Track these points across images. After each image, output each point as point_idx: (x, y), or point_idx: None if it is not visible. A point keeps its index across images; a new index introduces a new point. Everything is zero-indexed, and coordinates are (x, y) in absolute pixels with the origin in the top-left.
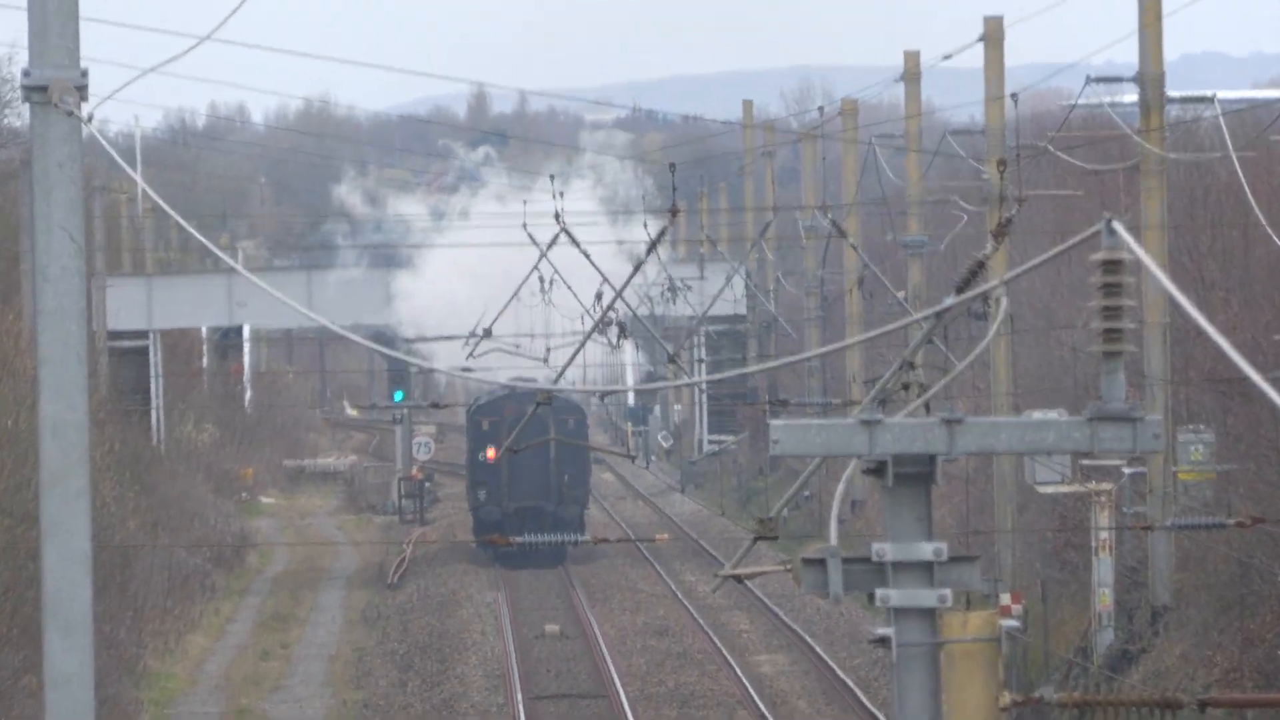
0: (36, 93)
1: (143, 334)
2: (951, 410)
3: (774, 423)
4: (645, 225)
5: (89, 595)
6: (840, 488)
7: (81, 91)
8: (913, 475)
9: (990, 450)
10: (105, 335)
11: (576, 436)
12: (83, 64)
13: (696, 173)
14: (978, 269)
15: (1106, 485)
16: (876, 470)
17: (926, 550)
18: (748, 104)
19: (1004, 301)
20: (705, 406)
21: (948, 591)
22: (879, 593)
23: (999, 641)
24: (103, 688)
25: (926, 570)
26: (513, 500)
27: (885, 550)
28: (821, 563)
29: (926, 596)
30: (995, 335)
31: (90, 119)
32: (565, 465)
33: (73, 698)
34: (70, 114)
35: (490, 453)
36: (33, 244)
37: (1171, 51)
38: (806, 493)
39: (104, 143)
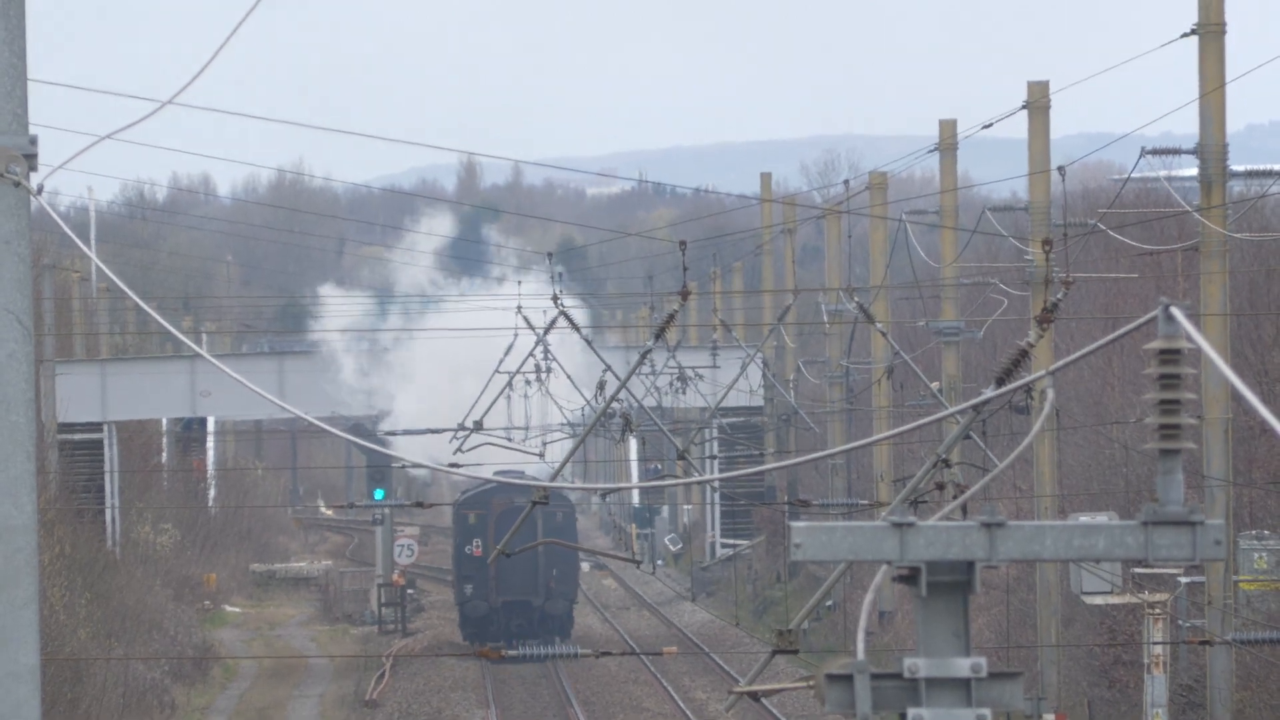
0: None
1: (96, 426)
2: (992, 513)
3: (795, 525)
4: (652, 309)
5: (37, 714)
6: (868, 597)
7: (31, 160)
8: (949, 584)
9: (1035, 557)
10: (55, 427)
11: (565, 530)
12: (32, 129)
13: (709, 251)
14: (1020, 358)
15: (1161, 596)
16: (909, 578)
17: (964, 666)
18: (766, 176)
19: (1049, 394)
20: (718, 507)
21: (987, 712)
22: (911, 712)
23: None
24: None
25: (964, 688)
26: (500, 595)
27: (918, 666)
28: (848, 679)
29: (964, 717)
30: (1039, 431)
31: (40, 190)
32: (554, 559)
33: None
34: (18, 184)
35: (477, 548)
36: None
37: (1235, 121)
38: (829, 602)
39: (55, 216)
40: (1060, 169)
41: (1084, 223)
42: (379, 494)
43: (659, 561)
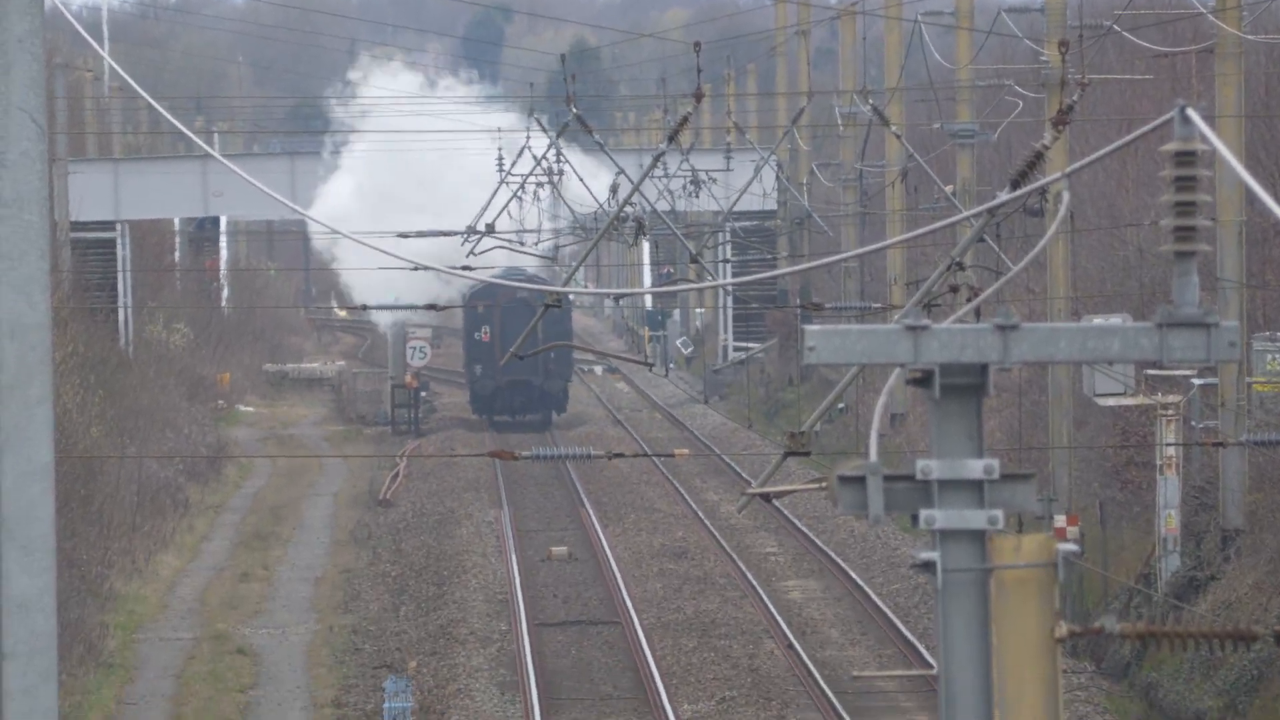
0: None
1: (109, 225)
2: (1006, 315)
3: (809, 328)
4: (666, 111)
5: (50, 511)
6: (881, 399)
7: None
8: (962, 386)
9: (1049, 359)
10: (68, 226)
11: (563, 320)
12: None
13: (723, 53)
14: (1035, 161)
15: (1174, 397)
16: (922, 381)
17: (976, 468)
18: None
19: (1065, 196)
20: (730, 311)
21: (999, 513)
22: (923, 514)
23: (1055, 567)
24: (65, 611)
25: (976, 489)
26: (505, 374)
27: (931, 467)
28: (860, 480)
29: (976, 518)
30: (1054, 234)
31: None
32: (550, 340)
33: (33, 622)
34: None
35: (485, 334)
36: None
37: None
38: (841, 405)
39: (68, 14)
40: None
41: (1100, 24)
42: (391, 295)
43: (671, 365)
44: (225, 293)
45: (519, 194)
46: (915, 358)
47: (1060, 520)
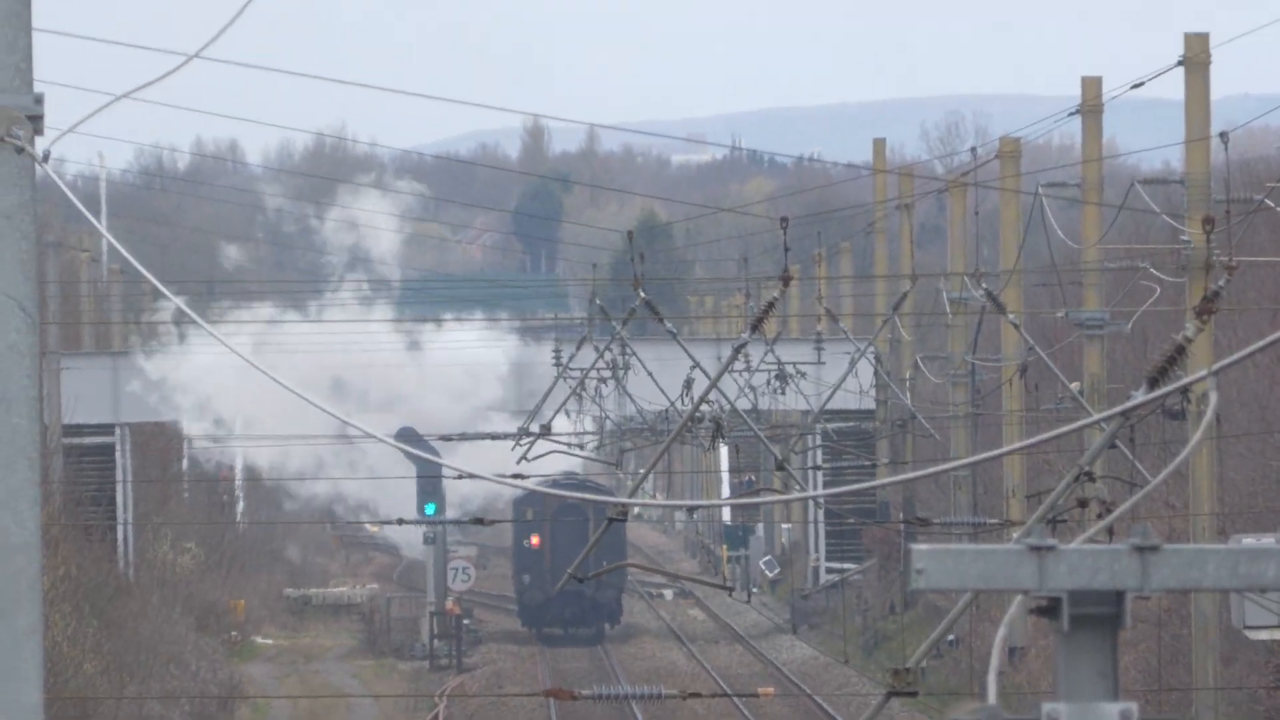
0: None
1: (107, 428)
2: (1145, 534)
3: (917, 547)
4: (747, 296)
5: None
6: (1001, 631)
7: (36, 122)
8: (1095, 617)
9: (1195, 586)
10: (60, 430)
11: (617, 534)
12: (37, 87)
13: (813, 229)
14: (1176, 355)
15: None
16: (1047, 610)
17: (1112, 712)
18: (879, 143)
19: (1212, 397)
20: (822, 526)
21: None
22: None
23: None
24: None
25: None
26: (555, 582)
27: (1059, 711)
28: None
29: None
30: (1199, 441)
31: (46, 157)
32: (603, 551)
33: None
34: (21, 150)
35: (535, 540)
36: None
37: None
38: (952, 637)
39: (62, 185)
40: (1222, 135)
41: (1249, 197)
42: (430, 509)
43: (754, 589)
44: (240, 507)
45: (578, 390)
46: (1040, 583)
47: None
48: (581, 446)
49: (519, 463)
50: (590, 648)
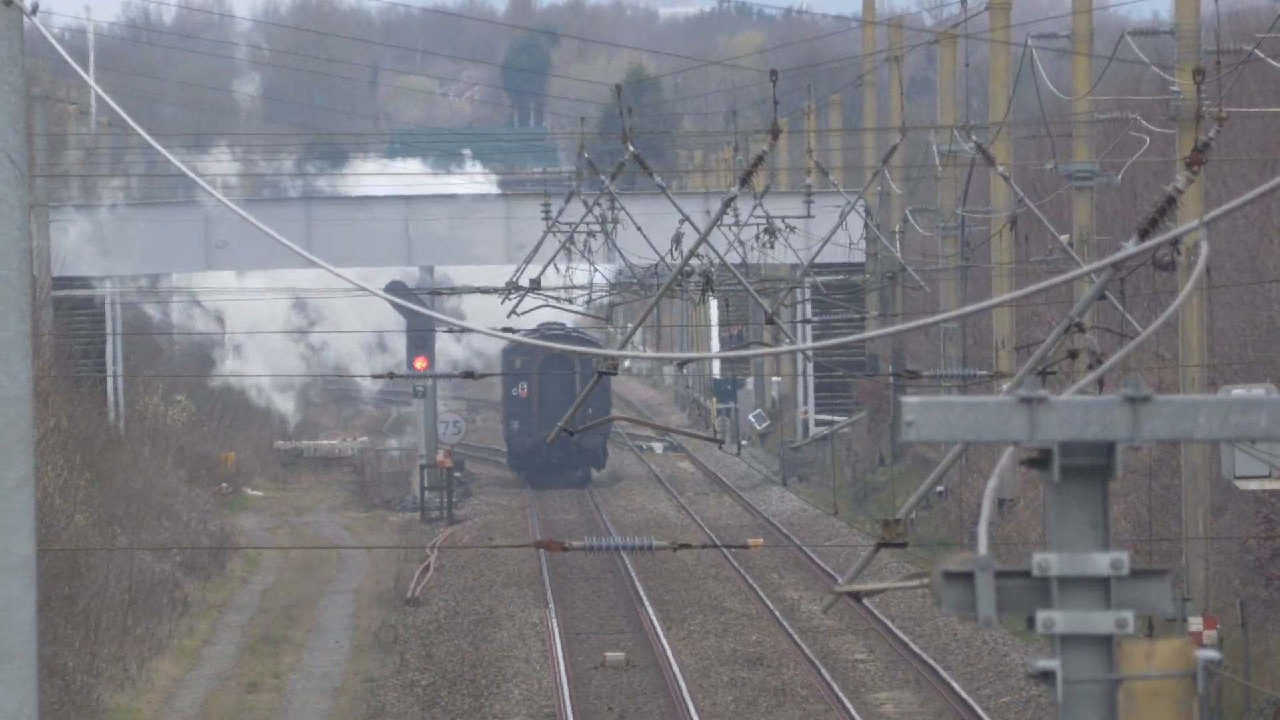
0: None
1: (97, 281)
2: (1136, 385)
3: (907, 400)
4: (736, 149)
5: (31, 613)
6: (991, 482)
7: None
8: (1086, 468)
9: (1186, 437)
10: (50, 283)
11: (602, 387)
12: None
13: (803, 82)
14: (1166, 207)
15: None
16: (1038, 462)
17: (1102, 563)
18: None
19: (1203, 248)
20: (811, 379)
21: (1128, 614)
22: (1041, 615)
23: (1194, 677)
24: None
25: (1102, 587)
26: (542, 429)
27: (1050, 562)
28: (968, 577)
29: (1102, 620)
30: (1189, 292)
31: (34, 9)
32: (589, 400)
33: None
34: (9, 3)
35: (523, 390)
36: None
37: None
38: (941, 488)
39: (50, 37)
40: None
41: (1239, 48)
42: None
43: (743, 441)
44: (231, 359)
45: (568, 245)
46: (1030, 435)
47: (1196, 623)
48: (571, 301)
49: (509, 316)
50: (578, 491)
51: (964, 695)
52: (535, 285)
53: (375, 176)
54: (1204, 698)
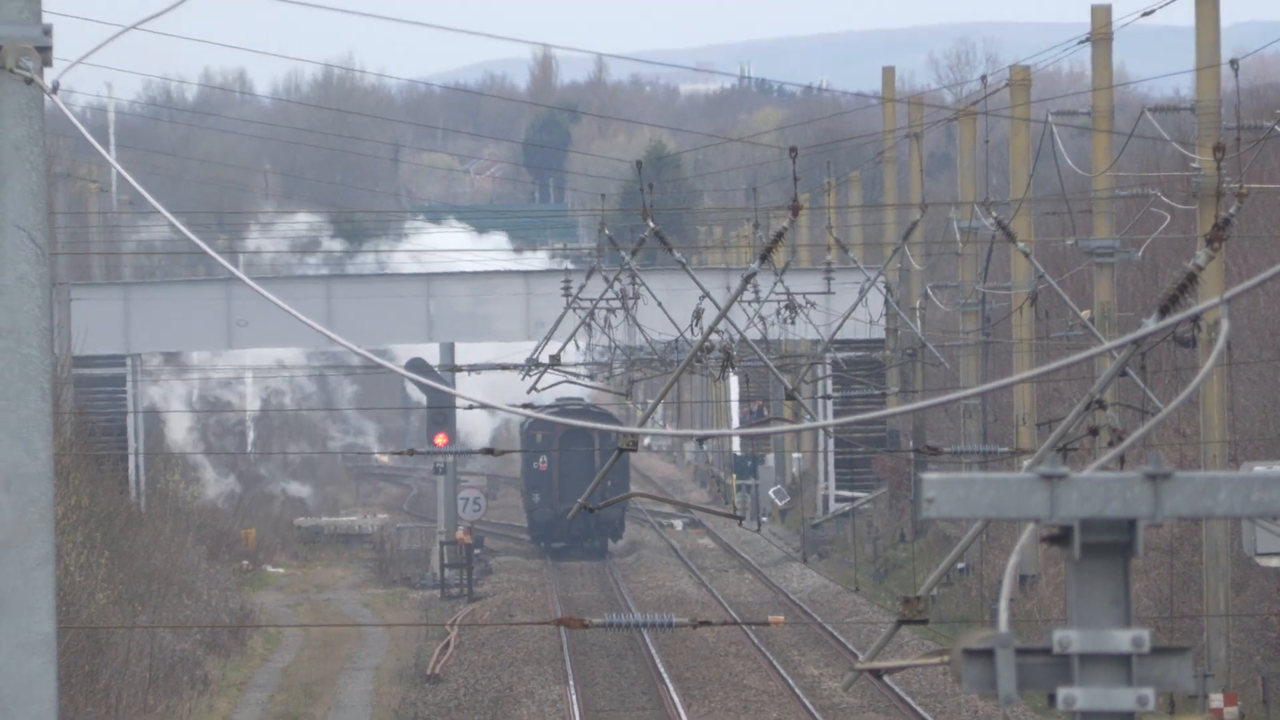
0: None
1: (118, 359)
2: (1157, 462)
3: (927, 477)
4: (757, 226)
5: (52, 690)
6: (1012, 559)
7: (44, 54)
8: (1107, 545)
9: (1207, 514)
10: (71, 361)
11: (620, 462)
12: (46, 19)
13: (823, 159)
14: (1187, 283)
15: None
16: (1059, 538)
17: (1124, 640)
18: (888, 72)
19: (1223, 325)
20: (832, 455)
21: (1149, 691)
22: (1062, 693)
23: None
24: None
25: (1123, 665)
26: (562, 501)
27: (1070, 639)
28: (988, 654)
29: (1123, 698)
30: (1211, 368)
31: (55, 88)
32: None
33: None
34: (30, 81)
35: (543, 464)
36: None
37: None
38: (962, 565)
39: (71, 117)
40: (1232, 62)
41: (1259, 124)
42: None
43: (763, 517)
44: (251, 437)
45: (588, 321)
46: (1051, 512)
47: (1218, 699)
48: (591, 377)
49: (529, 392)
50: (599, 567)
51: None
52: (555, 361)
53: (398, 253)
54: None
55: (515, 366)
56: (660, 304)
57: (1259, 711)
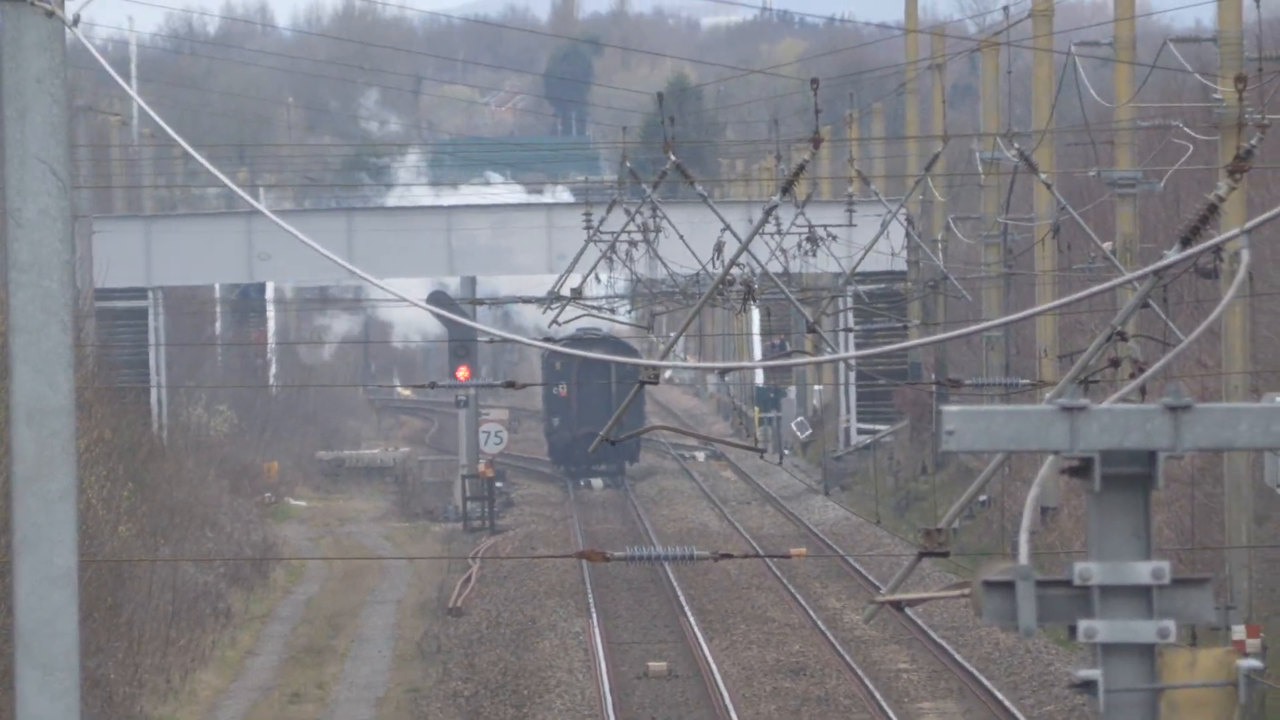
0: None
1: (140, 292)
2: (1177, 393)
3: (947, 409)
4: (778, 158)
5: (74, 624)
6: (1032, 491)
7: None
8: (1127, 477)
9: (1228, 445)
10: (93, 294)
11: (635, 376)
12: None
13: (845, 90)
14: (1208, 214)
15: None
16: (1079, 470)
17: (1144, 571)
18: (911, 2)
19: (1244, 255)
20: (853, 388)
21: (1170, 623)
22: (1082, 625)
23: (1236, 686)
24: None
25: (1144, 597)
26: (580, 426)
27: (1091, 571)
28: (1009, 586)
29: (1144, 630)
30: (1232, 299)
31: (76, 20)
32: (622, 396)
33: None
34: (51, 14)
35: (563, 390)
36: (2, 180)
37: None
38: (984, 498)
39: (92, 49)
40: None
41: None
42: (463, 373)
43: (785, 450)
44: (273, 370)
45: (609, 254)
46: (1072, 444)
47: (1239, 632)
48: (613, 310)
49: (550, 325)
50: (621, 499)
51: (1008, 705)
52: (577, 294)
53: (416, 186)
54: (1246, 706)
55: (537, 300)
56: (682, 237)
57: None
